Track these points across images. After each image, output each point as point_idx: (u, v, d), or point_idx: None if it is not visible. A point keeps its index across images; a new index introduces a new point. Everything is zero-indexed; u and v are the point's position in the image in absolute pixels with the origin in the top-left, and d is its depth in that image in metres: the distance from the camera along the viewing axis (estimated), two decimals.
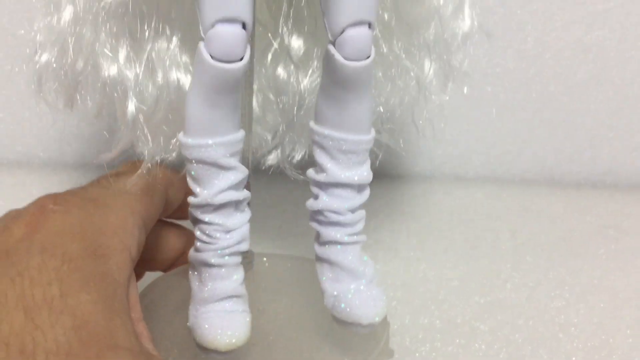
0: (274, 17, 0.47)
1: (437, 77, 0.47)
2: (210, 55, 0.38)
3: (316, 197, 0.44)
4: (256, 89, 0.48)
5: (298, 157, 0.49)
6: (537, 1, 0.77)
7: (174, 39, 0.44)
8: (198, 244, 0.43)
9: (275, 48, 0.47)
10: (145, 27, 0.43)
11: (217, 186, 0.41)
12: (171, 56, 0.44)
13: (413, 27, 0.46)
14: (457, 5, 0.46)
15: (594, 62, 0.79)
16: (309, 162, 0.45)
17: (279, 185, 0.54)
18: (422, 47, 0.47)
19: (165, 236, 0.49)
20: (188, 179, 0.42)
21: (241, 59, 0.38)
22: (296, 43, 0.46)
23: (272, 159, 0.50)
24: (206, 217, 0.42)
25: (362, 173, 0.43)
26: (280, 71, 0.47)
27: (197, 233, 0.43)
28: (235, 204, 0.43)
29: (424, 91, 0.47)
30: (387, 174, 0.80)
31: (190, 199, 0.42)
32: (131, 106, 0.44)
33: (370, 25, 0.40)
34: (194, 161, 0.41)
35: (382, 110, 0.48)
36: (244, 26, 0.38)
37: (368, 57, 0.40)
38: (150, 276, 0.50)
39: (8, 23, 0.76)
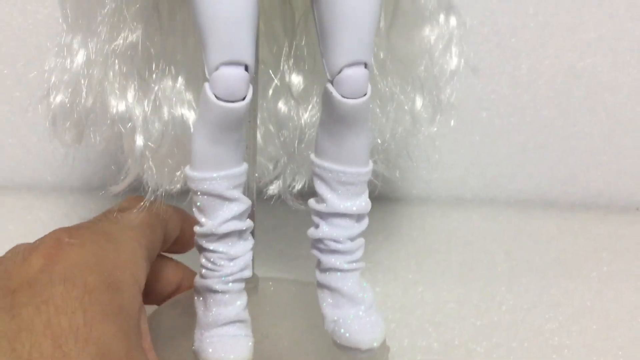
0: (276, 55, 0.49)
1: (427, 110, 0.50)
2: (215, 96, 0.40)
3: (317, 226, 0.46)
4: (259, 122, 0.50)
5: (299, 186, 0.51)
6: (530, 29, 0.79)
7: (180, 78, 0.46)
8: (203, 270, 0.45)
9: (277, 84, 0.50)
10: (153, 68, 0.45)
11: (221, 216, 0.43)
12: (177, 94, 0.46)
13: (406, 64, 0.49)
14: (445, 44, 0.49)
15: (586, 88, 0.81)
16: (310, 191, 0.47)
17: (282, 209, 0.56)
18: (414, 83, 0.49)
19: (163, 270, 0.51)
20: (194, 209, 0.44)
21: (243, 98, 0.41)
22: (296, 80, 0.49)
23: (273, 188, 0.52)
24: (211, 246, 0.44)
25: (361, 203, 0.45)
26: (281, 106, 0.50)
27: (202, 260, 0.45)
28: (239, 233, 0.45)
29: (417, 124, 0.50)
30: (384, 197, 0.82)
31: (196, 228, 0.44)
32: (139, 141, 0.46)
33: (366, 65, 0.42)
34: (199, 193, 0.43)
35: (379, 142, 0.50)
36: (246, 68, 0.40)
37: (365, 94, 0.42)
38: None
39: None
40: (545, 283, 0.67)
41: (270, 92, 0.50)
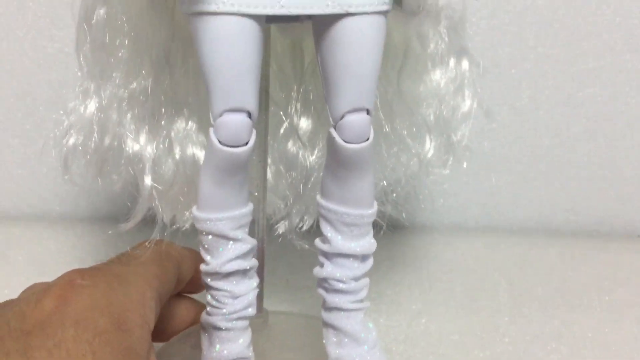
0: (286, 97, 0.50)
1: (437, 153, 0.51)
2: (219, 141, 0.41)
3: (322, 265, 0.47)
4: (270, 161, 0.52)
5: (306, 226, 0.52)
6: (530, 61, 0.80)
7: (192, 120, 0.48)
8: (209, 308, 0.46)
9: (286, 125, 0.51)
10: (165, 111, 0.47)
11: (225, 256, 0.45)
12: (189, 135, 0.48)
13: (414, 106, 0.50)
14: (457, 87, 0.50)
15: (585, 117, 0.82)
16: (318, 230, 0.49)
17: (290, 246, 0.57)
18: (422, 125, 0.50)
19: (176, 309, 0.52)
20: (200, 248, 0.46)
21: (246, 143, 0.42)
22: (304, 123, 0.50)
23: (281, 228, 0.53)
24: (216, 284, 0.46)
25: (365, 244, 0.46)
26: (291, 147, 0.51)
27: (208, 298, 0.46)
28: (243, 272, 0.46)
29: (424, 167, 0.51)
30: (388, 226, 0.83)
31: (202, 267, 0.46)
32: (147, 181, 0.47)
33: (368, 111, 0.43)
34: (204, 233, 0.45)
35: (385, 184, 0.51)
36: (249, 115, 0.42)
37: (367, 139, 0.43)
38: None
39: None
40: (548, 313, 0.68)
41: (282, 131, 0.52)
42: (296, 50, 0.50)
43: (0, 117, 0.83)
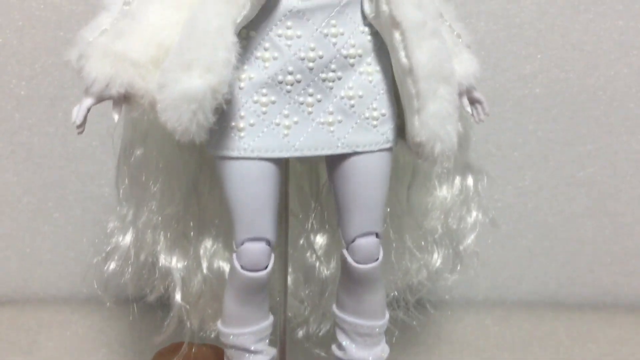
0: (304, 211, 0.55)
1: (445, 262, 0.55)
2: (241, 266, 0.46)
3: None
4: (290, 269, 0.56)
5: (323, 331, 0.56)
6: (531, 144, 0.85)
7: (218, 239, 0.52)
8: None
9: (305, 237, 0.55)
10: (193, 233, 0.51)
11: None
12: (215, 252, 0.52)
13: (422, 220, 0.54)
14: (463, 200, 0.54)
15: (587, 196, 0.86)
16: (334, 334, 0.52)
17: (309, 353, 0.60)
18: (430, 238, 0.54)
19: None
20: (224, 358, 0.50)
21: (266, 267, 0.46)
22: (320, 239, 0.55)
23: (300, 333, 0.57)
24: None
25: (377, 352, 0.50)
26: (309, 257, 0.56)
27: None
28: None
29: (433, 275, 0.55)
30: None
31: None
32: (178, 297, 0.51)
33: (377, 235, 0.47)
34: (228, 345, 0.49)
35: (396, 293, 0.55)
36: (268, 242, 0.46)
37: (377, 259, 0.48)
38: None
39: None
40: None
41: (301, 242, 0.56)
42: (312, 171, 0.55)
43: (31, 206, 0.88)
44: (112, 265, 0.52)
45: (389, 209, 0.52)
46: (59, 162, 0.86)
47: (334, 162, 0.46)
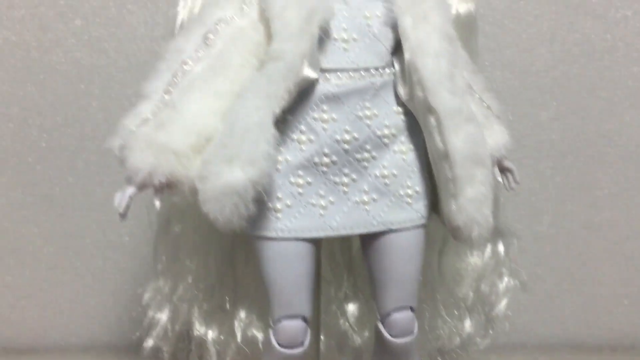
0: (337, 278, 0.55)
1: (477, 328, 0.55)
2: (278, 343, 0.46)
3: None
4: (322, 337, 0.56)
5: None
6: (549, 188, 0.85)
7: (252, 310, 0.53)
8: None
9: (337, 305, 0.56)
10: (229, 305, 0.52)
11: None
12: (250, 322, 0.53)
13: (454, 287, 0.54)
14: (494, 266, 0.54)
15: (604, 240, 0.87)
16: None
17: None
18: (462, 305, 0.55)
19: None
20: None
21: (302, 342, 0.47)
22: (352, 308, 0.55)
23: None
24: None
25: None
26: (342, 324, 0.56)
27: None
28: None
29: (465, 342, 0.55)
30: None
31: None
32: None
33: (412, 308, 0.48)
34: None
35: None
36: (304, 319, 0.47)
37: (412, 332, 0.48)
38: None
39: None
40: None
41: (333, 308, 0.56)
42: (344, 240, 0.56)
43: (52, 255, 0.88)
44: (150, 343, 0.52)
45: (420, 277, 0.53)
46: (79, 212, 0.87)
47: (369, 238, 0.47)
